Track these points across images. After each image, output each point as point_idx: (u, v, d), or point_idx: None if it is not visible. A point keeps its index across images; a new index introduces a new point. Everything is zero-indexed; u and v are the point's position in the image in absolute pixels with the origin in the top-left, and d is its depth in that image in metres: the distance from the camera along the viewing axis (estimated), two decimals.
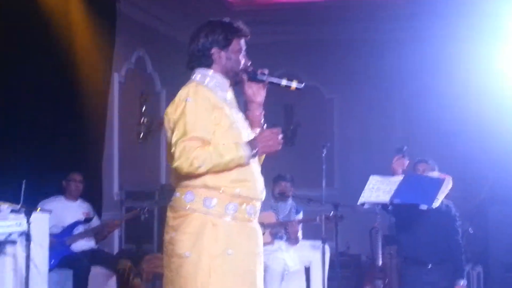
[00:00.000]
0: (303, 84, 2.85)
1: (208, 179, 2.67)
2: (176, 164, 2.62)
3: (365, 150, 8.14)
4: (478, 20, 7.59)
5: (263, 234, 6.02)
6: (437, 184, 4.60)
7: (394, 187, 4.67)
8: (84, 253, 5.56)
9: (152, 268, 5.55)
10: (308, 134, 8.38)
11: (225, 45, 2.80)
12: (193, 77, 2.82)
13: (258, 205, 2.83)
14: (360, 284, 7.05)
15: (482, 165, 7.72)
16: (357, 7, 8.30)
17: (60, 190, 5.81)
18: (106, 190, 6.98)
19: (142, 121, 7.81)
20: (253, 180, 2.78)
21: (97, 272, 5.52)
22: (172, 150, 2.64)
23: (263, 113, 2.93)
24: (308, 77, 8.96)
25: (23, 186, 4.34)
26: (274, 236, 6.14)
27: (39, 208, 4.53)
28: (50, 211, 4.70)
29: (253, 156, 2.71)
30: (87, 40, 6.64)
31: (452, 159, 6.68)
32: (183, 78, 2.89)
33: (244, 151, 2.67)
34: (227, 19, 2.85)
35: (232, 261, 2.67)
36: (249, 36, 2.86)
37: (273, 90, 2.93)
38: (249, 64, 2.88)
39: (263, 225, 5.93)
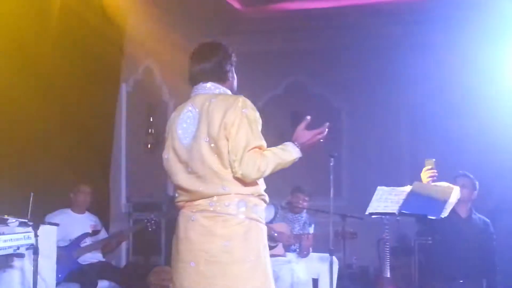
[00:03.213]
0: None
1: (255, 187, 2.87)
2: (241, 172, 2.79)
3: (373, 160, 8.08)
4: (483, 24, 7.48)
5: (277, 246, 6.06)
6: (445, 194, 4.56)
7: (402, 197, 4.64)
8: (92, 266, 5.52)
9: (160, 281, 5.51)
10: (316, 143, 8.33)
11: (232, 66, 3.06)
12: (219, 90, 2.96)
13: None
14: None
15: (489, 174, 7.62)
16: (366, 15, 8.27)
17: (67, 203, 5.77)
18: (114, 202, 6.96)
19: (150, 131, 7.80)
20: None
21: (104, 286, 5.47)
22: (233, 159, 2.79)
23: None
24: (317, 85, 8.97)
25: (31, 199, 4.31)
26: (287, 248, 6.14)
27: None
28: (57, 224, 4.68)
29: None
30: (96, 50, 6.63)
31: (459, 168, 6.62)
32: (191, 88, 2.98)
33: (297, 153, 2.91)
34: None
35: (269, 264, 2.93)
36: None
37: (282, 98, 3.09)
38: None
39: (282, 235, 5.99)
